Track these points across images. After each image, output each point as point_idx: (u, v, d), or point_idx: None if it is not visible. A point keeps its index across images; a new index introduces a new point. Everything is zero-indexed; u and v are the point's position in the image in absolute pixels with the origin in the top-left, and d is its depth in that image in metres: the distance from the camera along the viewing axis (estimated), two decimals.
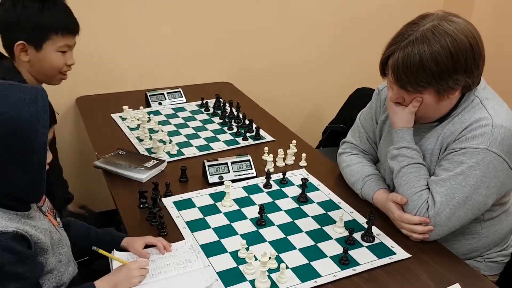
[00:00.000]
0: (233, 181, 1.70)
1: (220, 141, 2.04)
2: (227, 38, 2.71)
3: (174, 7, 2.53)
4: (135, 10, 2.46)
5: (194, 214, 1.55)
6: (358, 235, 1.46)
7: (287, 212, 1.58)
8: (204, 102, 2.36)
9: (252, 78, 2.83)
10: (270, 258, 1.30)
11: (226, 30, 2.69)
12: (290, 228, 1.50)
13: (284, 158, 1.89)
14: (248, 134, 2.06)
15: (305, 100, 3.08)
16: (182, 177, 1.74)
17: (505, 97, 1.53)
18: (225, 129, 2.14)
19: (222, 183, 1.68)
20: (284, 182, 1.74)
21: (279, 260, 1.35)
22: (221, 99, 2.35)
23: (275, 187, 1.72)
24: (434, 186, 1.42)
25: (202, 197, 1.64)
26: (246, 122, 2.16)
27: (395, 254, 1.39)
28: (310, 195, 1.66)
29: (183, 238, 1.44)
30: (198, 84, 2.68)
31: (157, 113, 2.26)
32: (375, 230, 1.48)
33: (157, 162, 1.79)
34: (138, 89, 2.54)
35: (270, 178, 1.72)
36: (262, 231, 1.48)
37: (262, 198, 1.65)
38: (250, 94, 2.60)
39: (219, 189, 1.68)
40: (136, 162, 1.77)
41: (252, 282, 1.27)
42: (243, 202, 1.62)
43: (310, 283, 1.27)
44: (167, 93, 2.40)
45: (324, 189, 1.71)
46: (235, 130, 2.11)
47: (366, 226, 1.47)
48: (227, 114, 2.22)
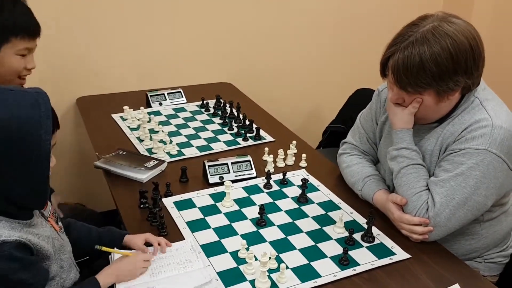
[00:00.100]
0: (233, 181, 1.71)
1: (220, 141, 2.04)
2: (227, 38, 2.71)
3: (174, 7, 2.53)
4: (135, 10, 2.46)
5: (194, 214, 1.56)
6: (358, 236, 1.46)
7: (287, 212, 1.58)
8: (204, 102, 2.36)
9: (252, 78, 2.83)
10: (270, 258, 1.30)
11: (226, 30, 2.69)
12: (290, 228, 1.50)
13: (284, 159, 1.89)
14: (248, 135, 2.06)
15: (305, 100, 3.08)
16: (183, 177, 1.74)
17: (505, 97, 1.53)
18: (225, 129, 2.14)
19: (222, 184, 1.68)
20: (284, 183, 1.74)
21: (279, 260, 1.35)
22: (221, 100, 2.35)
23: (275, 188, 1.72)
24: (434, 187, 1.42)
25: (202, 197, 1.65)
26: (247, 122, 2.16)
27: (395, 254, 1.39)
28: (310, 196, 1.67)
29: (184, 238, 1.44)
30: (198, 84, 2.68)
31: (157, 113, 2.27)
32: (375, 230, 1.48)
33: (157, 162, 1.80)
34: (139, 89, 2.54)
35: (270, 178, 1.72)
36: (262, 231, 1.48)
37: (262, 198, 1.65)
38: (250, 95, 2.60)
39: (220, 189, 1.68)
40: (136, 162, 1.77)
41: (252, 282, 1.28)
42: (243, 203, 1.62)
43: (310, 283, 1.28)
44: (168, 93, 2.40)
45: (324, 189, 1.72)
46: (236, 130, 2.11)
47: (366, 226, 1.47)
48: (228, 115, 2.23)
